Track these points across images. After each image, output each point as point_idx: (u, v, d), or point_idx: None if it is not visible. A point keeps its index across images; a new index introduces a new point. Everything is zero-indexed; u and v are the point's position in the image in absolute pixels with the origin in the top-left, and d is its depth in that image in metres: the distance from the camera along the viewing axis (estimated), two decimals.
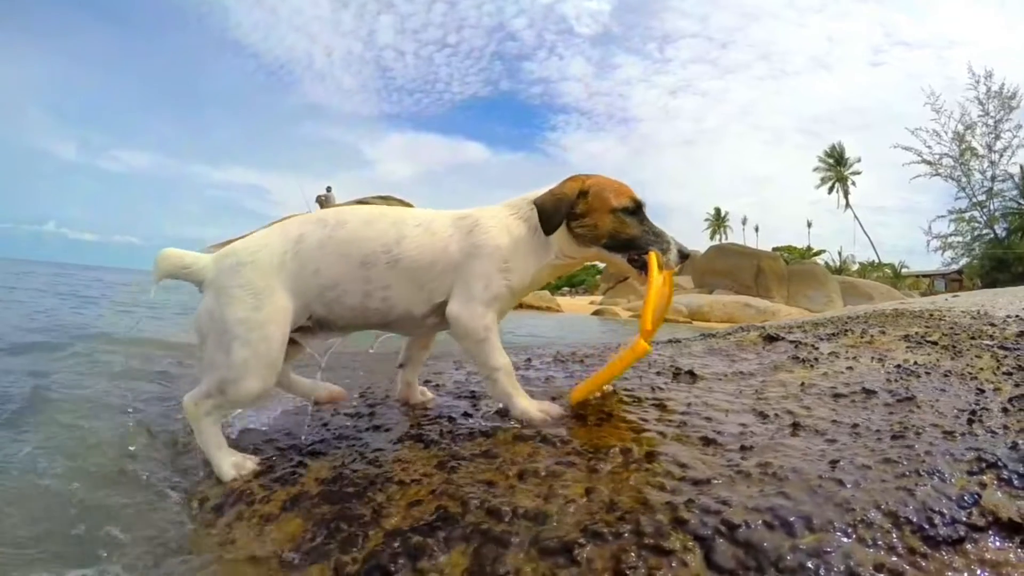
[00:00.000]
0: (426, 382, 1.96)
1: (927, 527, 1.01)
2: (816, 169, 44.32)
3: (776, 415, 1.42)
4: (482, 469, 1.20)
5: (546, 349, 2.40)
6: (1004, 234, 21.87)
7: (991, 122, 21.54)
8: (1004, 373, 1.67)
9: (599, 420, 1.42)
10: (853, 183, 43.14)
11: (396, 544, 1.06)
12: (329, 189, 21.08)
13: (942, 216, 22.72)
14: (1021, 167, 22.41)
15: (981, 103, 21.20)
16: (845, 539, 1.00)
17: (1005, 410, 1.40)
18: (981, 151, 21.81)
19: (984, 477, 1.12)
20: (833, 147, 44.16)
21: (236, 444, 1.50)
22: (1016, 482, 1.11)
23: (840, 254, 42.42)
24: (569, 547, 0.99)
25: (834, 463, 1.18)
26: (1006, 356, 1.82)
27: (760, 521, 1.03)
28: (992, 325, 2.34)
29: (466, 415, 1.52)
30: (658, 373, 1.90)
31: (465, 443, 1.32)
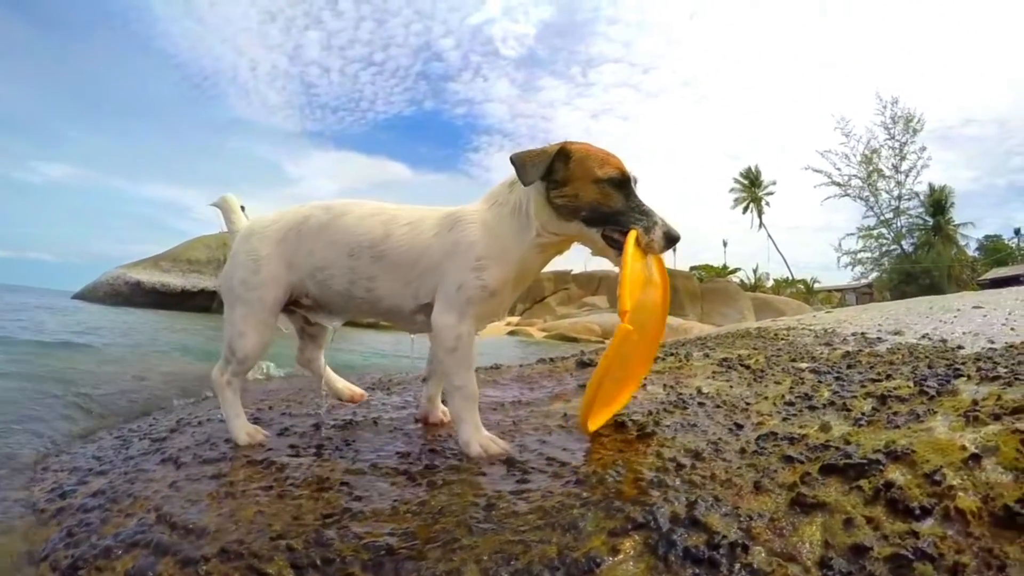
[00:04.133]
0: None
1: None
2: (732, 190, 36.44)
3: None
4: (202, 489, 1.01)
5: (377, 373, 2.13)
6: (911, 249, 18.52)
7: (897, 145, 18.02)
8: (786, 403, 1.20)
9: (336, 449, 1.17)
10: (767, 203, 35.57)
11: (95, 548, 0.92)
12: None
13: (851, 234, 19.27)
14: (931, 185, 18.77)
15: (887, 128, 17.82)
16: None
17: (741, 451, 0.98)
18: (888, 172, 18.38)
19: (624, 541, 0.75)
20: (749, 169, 36.20)
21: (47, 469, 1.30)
22: (662, 550, 0.73)
23: (755, 271, 34.68)
24: (198, 561, 0.81)
25: (490, 507, 0.86)
26: (803, 383, 1.30)
27: (359, 560, 0.76)
28: (828, 345, 1.76)
29: (228, 441, 1.27)
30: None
31: (206, 466, 1.12)
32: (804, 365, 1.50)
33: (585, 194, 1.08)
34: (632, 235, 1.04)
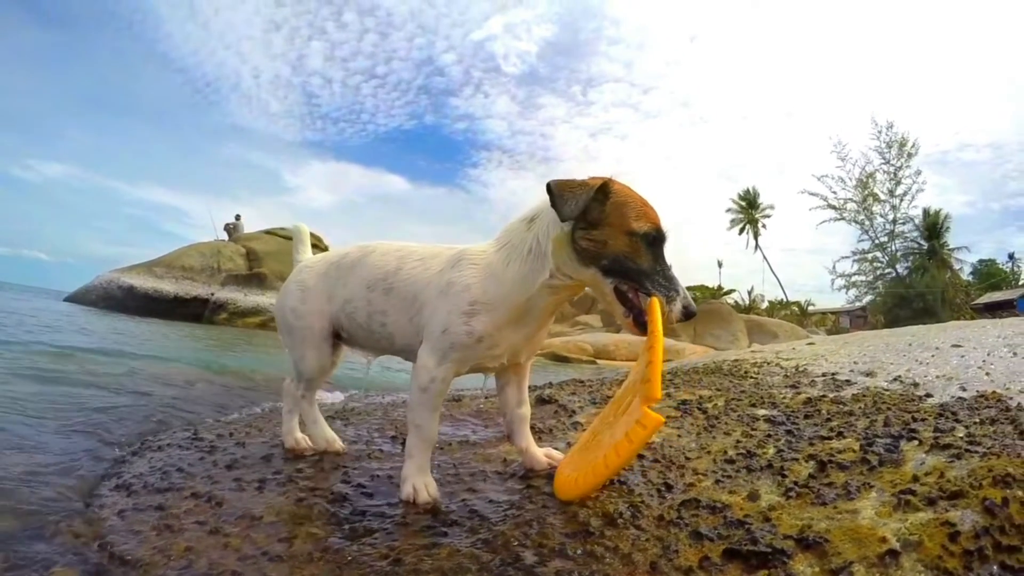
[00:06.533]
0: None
1: None
2: (729, 210, 34.39)
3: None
4: (145, 520, 1.05)
5: (356, 392, 2.11)
6: (905, 272, 17.89)
7: (892, 169, 17.58)
8: (726, 460, 1.16)
9: (278, 485, 1.19)
10: (764, 225, 33.88)
11: (39, 557, 0.98)
12: (238, 217, 17.01)
13: (846, 257, 18.70)
14: (925, 210, 18.12)
15: (882, 154, 17.05)
16: None
17: (659, 519, 0.95)
18: (883, 196, 17.83)
19: None
20: (748, 191, 34.47)
21: None
22: None
23: (750, 293, 32.52)
24: None
25: (397, 562, 0.86)
26: (753, 436, 1.25)
27: None
28: (794, 387, 1.68)
29: (180, 470, 1.30)
30: (393, 436, 1.58)
31: (154, 495, 1.15)
32: (762, 412, 1.44)
33: (615, 243, 0.97)
34: (657, 305, 0.95)
